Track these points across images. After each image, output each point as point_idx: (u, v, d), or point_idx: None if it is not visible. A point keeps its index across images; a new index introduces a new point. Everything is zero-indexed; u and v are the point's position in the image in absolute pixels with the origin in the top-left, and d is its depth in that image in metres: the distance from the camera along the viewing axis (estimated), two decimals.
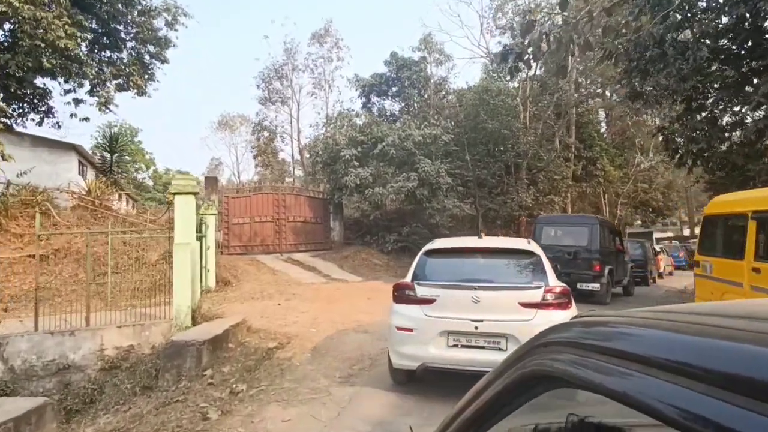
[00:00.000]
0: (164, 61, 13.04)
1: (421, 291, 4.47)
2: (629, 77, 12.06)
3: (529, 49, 6.64)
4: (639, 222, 36.49)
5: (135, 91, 13.44)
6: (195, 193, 7.68)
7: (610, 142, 28.83)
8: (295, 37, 23.49)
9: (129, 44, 12.93)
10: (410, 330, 4.38)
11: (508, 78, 19.64)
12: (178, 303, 6.83)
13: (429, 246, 5.02)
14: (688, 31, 10.61)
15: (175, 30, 12.89)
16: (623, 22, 10.91)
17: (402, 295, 4.59)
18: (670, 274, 23.05)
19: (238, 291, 11.81)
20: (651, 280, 17.15)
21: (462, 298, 4.28)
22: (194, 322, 7.16)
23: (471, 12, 72.34)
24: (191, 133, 77.41)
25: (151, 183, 44.74)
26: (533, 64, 9.36)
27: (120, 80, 13.06)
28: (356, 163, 16.88)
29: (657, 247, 21.50)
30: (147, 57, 12.97)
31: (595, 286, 10.08)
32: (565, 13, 9.99)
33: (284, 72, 25.30)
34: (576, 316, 0.93)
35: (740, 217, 5.26)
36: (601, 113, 32.67)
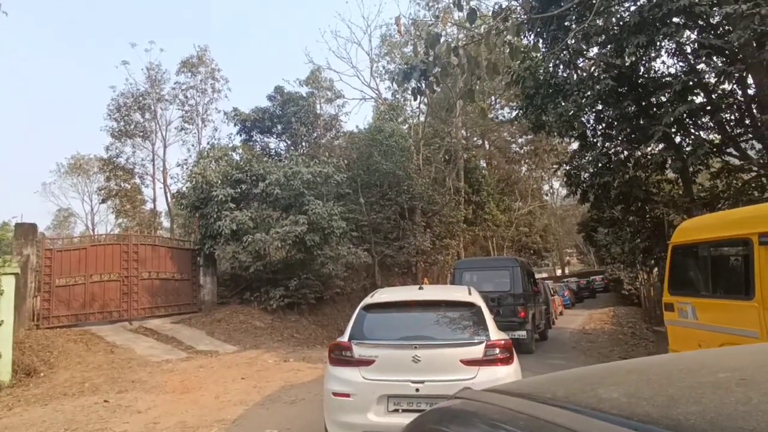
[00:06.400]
0: None
1: (359, 351, 4.13)
2: (527, 110, 11.66)
3: (435, 69, 5.37)
4: None
5: None
6: None
7: (495, 187, 29.90)
8: (161, 64, 20.71)
9: None
10: (347, 395, 4.04)
11: (412, 100, 19.00)
12: None
13: (368, 300, 4.63)
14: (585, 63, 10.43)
15: None
16: (532, 43, 10.48)
17: (339, 356, 4.23)
18: (561, 314, 23.45)
19: (46, 384, 8.16)
20: (552, 322, 16.75)
21: (402, 358, 4.00)
22: None
23: (361, 52, 74.03)
24: (33, 179, 65.11)
25: None
26: (437, 89, 7.93)
27: None
28: (232, 206, 14.11)
29: (552, 288, 21.71)
30: None
31: (522, 333, 9.00)
32: (473, 29, 8.72)
33: (147, 103, 21.64)
34: (454, 395, 1.00)
35: (736, 242, 4.03)
36: (482, 162, 34.29)
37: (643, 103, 9.96)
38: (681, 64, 10.11)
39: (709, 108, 9.57)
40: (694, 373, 0.94)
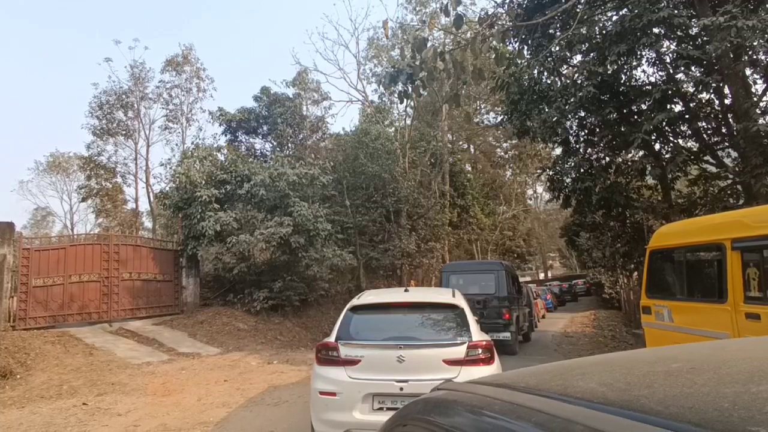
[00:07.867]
0: None
1: (345, 351, 4.22)
2: (511, 116, 11.82)
3: (422, 73, 5.45)
4: None
5: None
6: None
7: (480, 191, 30.14)
8: (146, 62, 20.30)
9: None
10: (333, 394, 4.12)
11: (398, 103, 19.08)
12: None
13: (355, 301, 4.71)
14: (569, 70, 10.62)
15: None
16: (516, 50, 10.63)
17: (326, 356, 4.30)
18: (543, 317, 23.73)
19: (22, 387, 7.98)
20: (535, 324, 16.96)
21: (387, 358, 4.12)
22: None
23: (348, 55, 73.73)
24: (9, 177, 63.22)
25: None
26: (423, 93, 7.94)
27: None
28: (216, 206, 13.98)
29: (535, 291, 21.97)
30: None
31: (506, 335, 9.26)
32: (459, 34, 8.84)
33: (130, 101, 21.31)
34: (435, 387, 1.08)
35: (710, 247, 4.16)
36: (468, 166, 34.53)
37: (624, 111, 10.20)
38: (660, 73, 10.37)
39: (687, 116, 9.83)
40: (651, 364, 1.04)
